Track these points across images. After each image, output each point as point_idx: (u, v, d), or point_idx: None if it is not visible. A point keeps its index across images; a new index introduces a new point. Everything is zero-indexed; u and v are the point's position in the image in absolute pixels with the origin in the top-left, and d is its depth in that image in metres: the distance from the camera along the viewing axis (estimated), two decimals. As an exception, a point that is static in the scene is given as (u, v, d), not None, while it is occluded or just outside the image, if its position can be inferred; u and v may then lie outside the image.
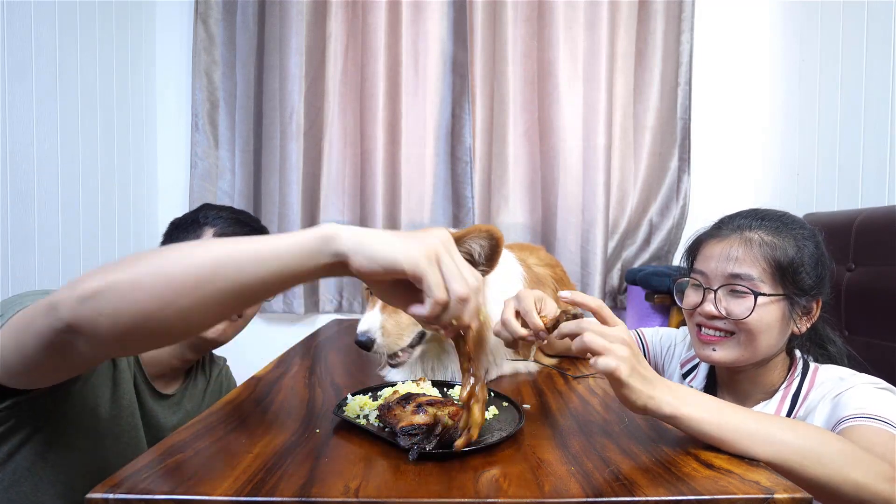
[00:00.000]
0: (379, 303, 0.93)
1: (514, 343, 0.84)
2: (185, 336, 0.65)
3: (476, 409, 0.63)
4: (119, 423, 1.03)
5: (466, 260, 0.81)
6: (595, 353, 0.66)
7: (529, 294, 0.83)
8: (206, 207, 1.22)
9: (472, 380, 0.64)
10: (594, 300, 0.72)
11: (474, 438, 0.63)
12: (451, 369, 0.99)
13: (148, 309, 0.59)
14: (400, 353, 0.94)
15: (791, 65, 2.22)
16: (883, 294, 1.31)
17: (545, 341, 0.83)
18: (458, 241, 0.86)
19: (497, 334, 0.85)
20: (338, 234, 0.59)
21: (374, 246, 0.58)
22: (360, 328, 0.90)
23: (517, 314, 0.82)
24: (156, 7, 2.38)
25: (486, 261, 0.87)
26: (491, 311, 0.90)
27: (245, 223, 1.20)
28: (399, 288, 0.61)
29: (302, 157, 2.30)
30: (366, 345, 0.89)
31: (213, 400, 1.28)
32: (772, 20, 2.34)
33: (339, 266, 0.60)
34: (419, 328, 0.94)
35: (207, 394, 1.28)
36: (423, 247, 0.58)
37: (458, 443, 0.62)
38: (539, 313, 0.80)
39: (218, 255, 0.60)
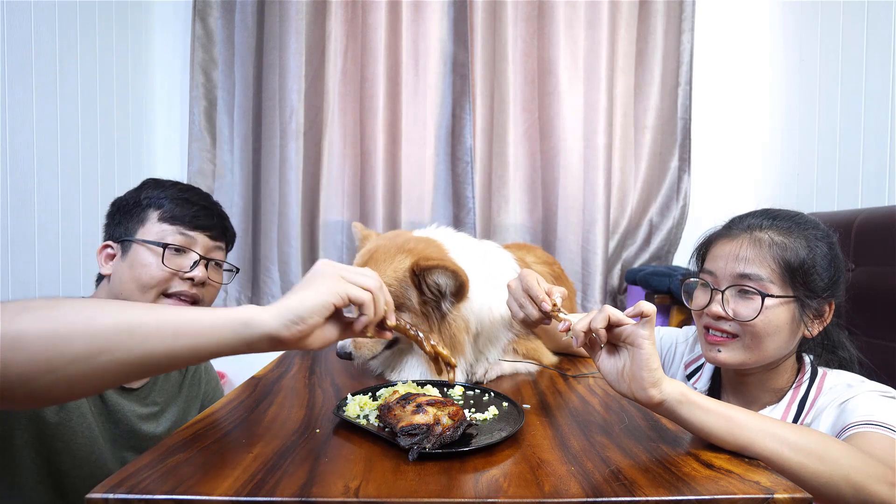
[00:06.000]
0: None
1: (533, 324, 0.90)
2: (69, 400, 0.62)
3: (441, 349, 0.80)
4: (69, 427, 0.98)
5: (432, 291, 0.95)
6: (623, 318, 0.70)
7: (532, 273, 0.90)
8: (150, 186, 1.12)
9: (420, 335, 0.80)
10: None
11: (455, 365, 0.81)
12: (416, 366, 1.01)
13: (28, 372, 0.53)
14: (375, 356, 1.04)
15: (791, 65, 2.22)
16: (883, 294, 1.31)
17: (548, 315, 0.86)
18: (427, 271, 0.93)
19: (523, 322, 0.91)
20: (258, 317, 0.61)
21: (296, 306, 0.62)
22: (338, 343, 1.02)
23: (527, 295, 0.88)
24: (154, 5, 2.38)
25: (452, 295, 0.95)
26: (498, 307, 1.01)
27: (192, 202, 1.11)
28: (327, 329, 0.67)
29: (302, 157, 2.29)
30: (346, 357, 1.01)
31: (192, 393, 1.25)
32: (772, 20, 2.34)
33: (270, 343, 0.62)
34: (386, 341, 1.02)
35: (184, 387, 1.24)
36: (330, 277, 0.66)
37: (450, 377, 0.80)
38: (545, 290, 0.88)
39: (122, 321, 0.57)
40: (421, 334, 0.79)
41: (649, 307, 0.68)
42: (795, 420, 0.94)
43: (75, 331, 0.55)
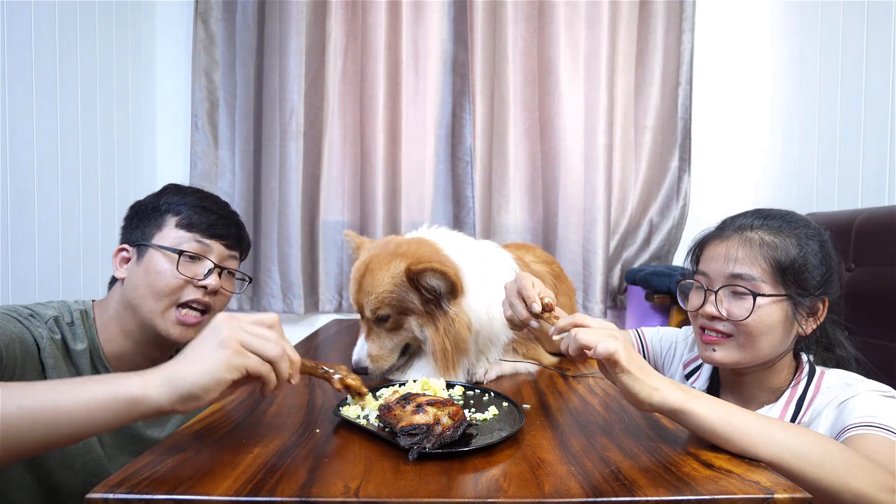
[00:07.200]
0: (364, 331, 1.03)
1: (520, 326, 0.90)
2: None
3: (350, 381, 0.75)
4: None
5: (430, 292, 0.94)
6: (590, 347, 0.69)
7: (528, 276, 0.91)
8: (170, 191, 1.11)
9: (337, 376, 0.74)
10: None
11: (365, 394, 0.76)
12: (420, 367, 1.03)
13: None
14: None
15: (791, 65, 2.22)
16: (883, 294, 1.31)
17: (538, 316, 0.87)
18: (419, 275, 0.93)
19: (509, 320, 0.92)
20: (144, 395, 0.58)
21: (190, 383, 0.58)
22: (353, 359, 1.01)
23: (518, 296, 0.88)
24: (156, 6, 2.38)
25: (448, 293, 0.96)
26: (496, 306, 1.00)
27: (211, 210, 1.10)
28: (224, 392, 0.62)
29: (302, 157, 2.29)
30: (362, 372, 1.00)
31: None
32: (772, 20, 2.34)
33: (161, 414, 0.60)
34: (402, 345, 1.02)
35: None
36: (227, 346, 0.60)
37: (361, 405, 0.74)
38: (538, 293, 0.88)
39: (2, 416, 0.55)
40: (329, 370, 0.76)
41: (604, 349, 0.68)
42: (793, 419, 0.93)
43: None
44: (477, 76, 2.29)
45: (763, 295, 0.92)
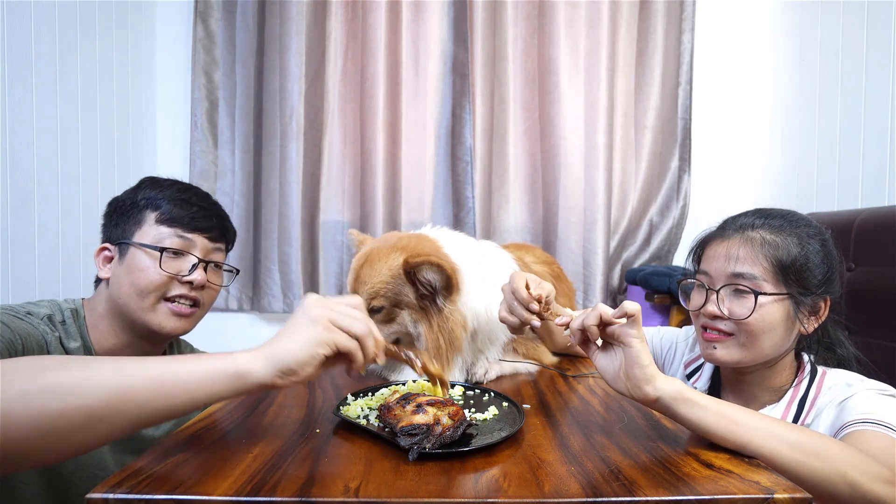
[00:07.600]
0: None
1: (519, 329, 0.90)
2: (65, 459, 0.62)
3: (432, 368, 0.77)
4: None
5: (426, 287, 0.95)
6: (608, 314, 0.71)
7: (520, 275, 0.90)
8: (146, 186, 1.09)
9: (418, 362, 0.77)
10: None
11: (447, 383, 0.78)
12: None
13: (16, 447, 0.54)
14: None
15: (791, 65, 2.22)
16: (883, 294, 1.31)
17: (539, 315, 0.87)
18: (416, 267, 0.94)
19: (503, 320, 0.91)
20: (249, 369, 0.61)
21: (288, 358, 0.62)
22: None
23: (515, 298, 0.88)
24: (156, 6, 2.38)
25: (443, 289, 0.96)
26: (495, 306, 0.99)
27: (191, 203, 1.07)
28: (315, 369, 0.65)
29: (302, 157, 2.29)
30: None
31: None
32: (772, 20, 2.34)
33: (262, 390, 0.64)
34: (392, 338, 1.03)
35: None
36: (319, 323, 0.64)
37: (444, 394, 0.75)
38: (532, 292, 0.87)
39: (115, 389, 0.57)
40: (411, 355, 0.77)
41: (633, 307, 0.69)
42: (796, 420, 0.94)
43: (67, 406, 0.55)
44: (477, 76, 2.29)
45: (765, 294, 0.92)
